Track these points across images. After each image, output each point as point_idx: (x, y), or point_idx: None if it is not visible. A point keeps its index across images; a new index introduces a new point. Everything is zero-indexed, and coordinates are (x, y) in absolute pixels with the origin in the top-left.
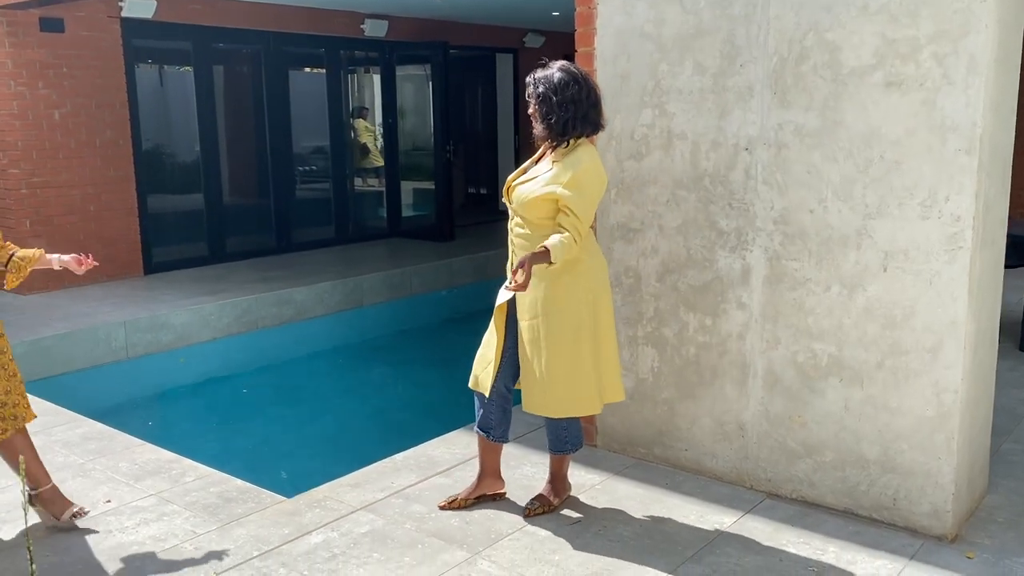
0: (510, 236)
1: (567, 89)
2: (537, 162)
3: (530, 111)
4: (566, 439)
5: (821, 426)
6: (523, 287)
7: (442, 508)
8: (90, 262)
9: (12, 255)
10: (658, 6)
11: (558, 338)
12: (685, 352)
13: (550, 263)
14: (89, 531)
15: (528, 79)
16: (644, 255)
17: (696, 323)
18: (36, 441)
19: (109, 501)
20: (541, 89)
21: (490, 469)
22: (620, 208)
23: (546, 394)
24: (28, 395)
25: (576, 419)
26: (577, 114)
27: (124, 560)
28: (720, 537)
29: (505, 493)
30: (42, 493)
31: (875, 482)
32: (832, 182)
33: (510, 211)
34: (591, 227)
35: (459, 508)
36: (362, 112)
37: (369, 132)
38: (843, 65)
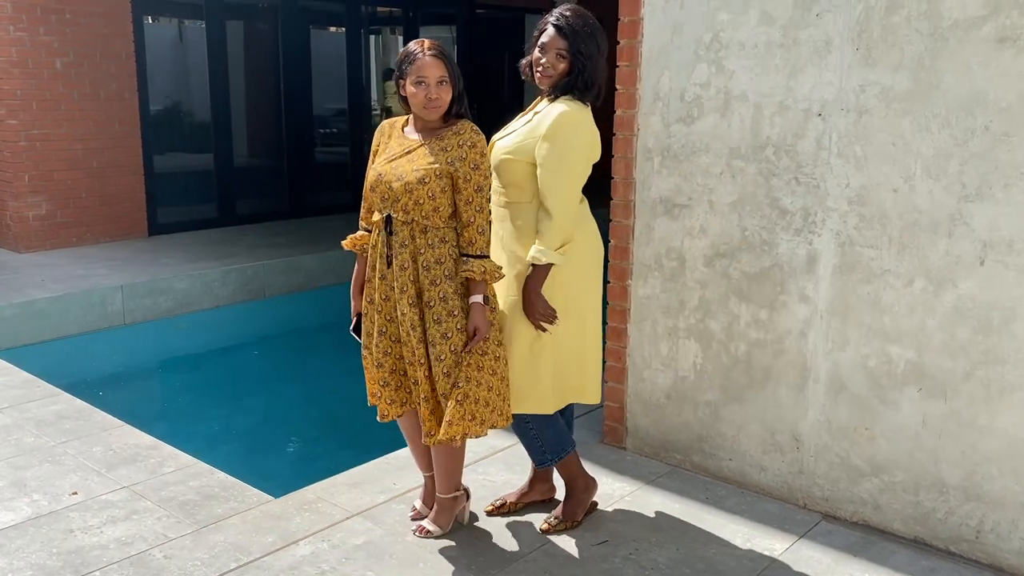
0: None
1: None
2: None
3: (551, 60)
4: (539, 447)
5: (892, 442)
6: (549, 319)
7: (489, 514)
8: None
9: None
10: None
11: (519, 328)
12: (734, 349)
13: (547, 267)
14: (48, 529)
15: (565, 24)
16: (690, 235)
17: (749, 316)
18: (6, 418)
19: (75, 493)
20: (588, 46)
21: (542, 474)
22: (664, 180)
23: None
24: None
25: (551, 421)
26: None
27: (81, 567)
28: (771, 568)
29: (554, 497)
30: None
31: (955, 510)
32: (923, 156)
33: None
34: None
35: (508, 513)
36: (391, 74)
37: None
38: (944, 16)
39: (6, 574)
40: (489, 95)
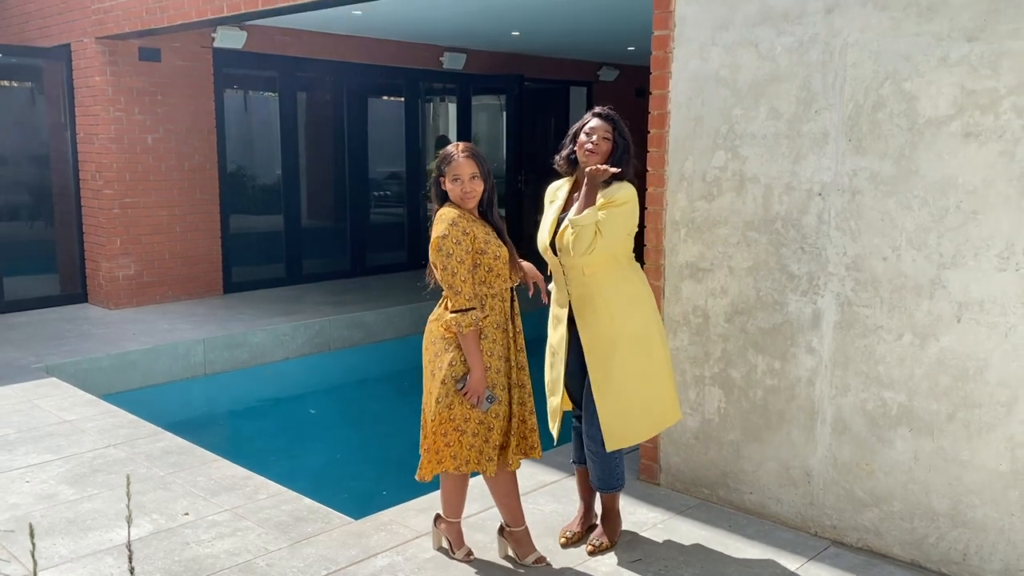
0: (566, 297)
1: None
2: (567, 207)
3: (595, 146)
4: (619, 474)
5: (889, 476)
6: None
7: (564, 546)
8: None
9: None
10: (734, 52)
11: (636, 361)
12: (752, 395)
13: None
14: (168, 542)
15: (607, 112)
16: (713, 295)
17: (764, 366)
18: (121, 452)
19: (187, 514)
20: (626, 132)
21: (590, 502)
22: (690, 247)
23: (634, 420)
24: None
25: (622, 452)
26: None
27: (200, 572)
28: None
29: (595, 522)
30: (514, 532)
31: (944, 536)
32: (906, 230)
33: (561, 266)
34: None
35: (577, 543)
36: (445, 141)
37: None
38: (919, 114)
39: None
40: (536, 156)
